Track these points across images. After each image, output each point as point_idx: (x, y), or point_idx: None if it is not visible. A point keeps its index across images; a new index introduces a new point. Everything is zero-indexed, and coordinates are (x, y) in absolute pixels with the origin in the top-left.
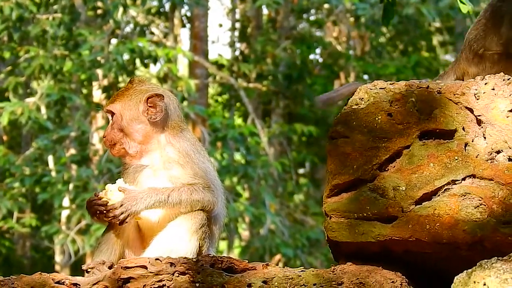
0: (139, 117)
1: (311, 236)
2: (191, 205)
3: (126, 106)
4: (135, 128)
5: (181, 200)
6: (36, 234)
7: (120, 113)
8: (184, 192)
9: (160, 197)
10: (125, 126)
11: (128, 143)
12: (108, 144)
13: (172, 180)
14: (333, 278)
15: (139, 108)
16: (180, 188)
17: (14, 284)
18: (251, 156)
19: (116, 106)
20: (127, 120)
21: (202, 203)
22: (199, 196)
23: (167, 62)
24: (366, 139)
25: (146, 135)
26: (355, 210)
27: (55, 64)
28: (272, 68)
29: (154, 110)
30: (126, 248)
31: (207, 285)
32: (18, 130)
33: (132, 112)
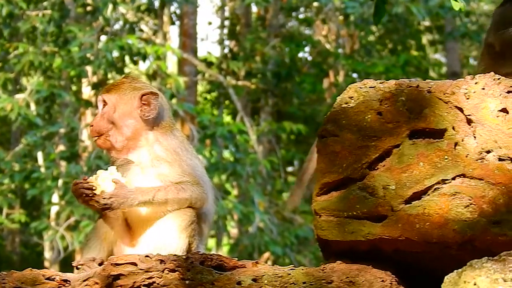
0: (132, 112)
1: (300, 234)
2: (179, 203)
3: (121, 99)
4: (126, 122)
5: (167, 200)
6: (25, 230)
7: (114, 105)
8: (170, 191)
9: (146, 197)
10: (116, 119)
11: (116, 136)
12: (95, 133)
13: (160, 177)
14: (323, 276)
15: (133, 104)
16: (167, 188)
17: (4, 280)
18: (240, 154)
19: (110, 97)
20: (120, 114)
21: (190, 201)
22: (186, 194)
23: (156, 60)
24: (356, 138)
25: (135, 131)
26: (345, 208)
27: (44, 60)
28: (261, 66)
29: (147, 108)
30: (115, 245)
31: (197, 282)
32: (8, 126)
33: (126, 107)
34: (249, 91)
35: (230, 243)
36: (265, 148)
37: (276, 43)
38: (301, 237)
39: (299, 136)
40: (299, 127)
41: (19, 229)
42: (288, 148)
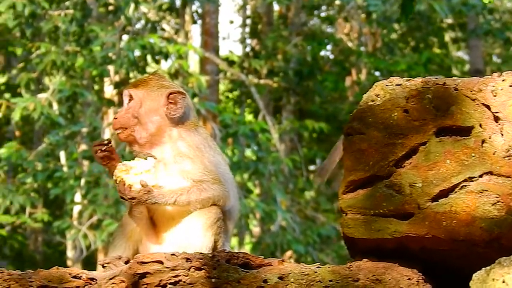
0: (158, 110)
1: (322, 233)
2: (201, 203)
3: (148, 95)
4: (151, 119)
5: (190, 202)
6: (48, 229)
7: (141, 101)
8: (193, 193)
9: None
10: (141, 115)
11: (140, 131)
12: (119, 126)
13: (183, 174)
14: (349, 274)
15: (160, 101)
16: (190, 190)
17: (31, 278)
18: (262, 153)
19: (138, 93)
20: (146, 110)
21: (213, 200)
22: (208, 194)
23: (178, 59)
24: (382, 136)
25: (160, 128)
26: (371, 206)
27: (66, 60)
28: (283, 65)
29: (174, 106)
30: (140, 243)
31: (223, 280)
32: (30, 125)
33: (153, 103)
34: (271, 90)
35: (252, 242)
36: (287, 146)
37: (298, 41)
38: (323, 235)
39: (321, 135)
40: (321, 125)
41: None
42: (310, 146)
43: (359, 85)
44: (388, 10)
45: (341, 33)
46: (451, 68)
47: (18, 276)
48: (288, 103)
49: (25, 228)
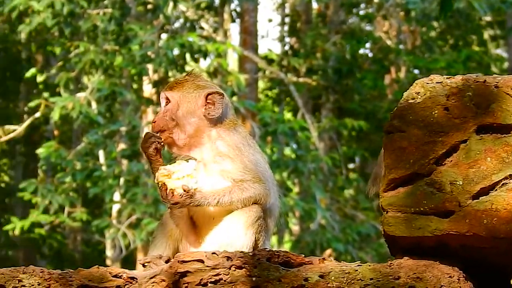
0: (196, 111)
1: (362, 231)
2: (243, 203)
3: (185, 97)
4: (189, 120)
5: (232, 202)
6: (87, 228)
7: (178, 103)
8: (235, 193)
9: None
10: (179, 117)
11: (178, 133)
12: (157, 129)
13: (223, 174)
14: (390, 272)
15: (198, 103)
16: (232, 190)
17: (71, 277)
18: (301, 151)
19: (174, 95)
20: (183, 112)
21: (255, 199)
22: (250, 193)
23: (217, 57)
24: (423, 134)
25: (198, 129)
26: (412, 204)
27: (105, 59)
28: (322, 63)
29: (212, 107)
30: (181, 242)
31: (264, 279)
32: (69, 125)
33: (190, 105)
34: (310, 88)
35: (291, 240)
36: (326, 144)
37: (337, 39)
38: (363, 234)
39: (360, 133)
40: (360, 124)
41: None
42: (349, 144)
43: (398, 83)
44: (427, 8)
45: (380, 31)
46: (490, 66)
47: (58, 275)
48: (327, 101)
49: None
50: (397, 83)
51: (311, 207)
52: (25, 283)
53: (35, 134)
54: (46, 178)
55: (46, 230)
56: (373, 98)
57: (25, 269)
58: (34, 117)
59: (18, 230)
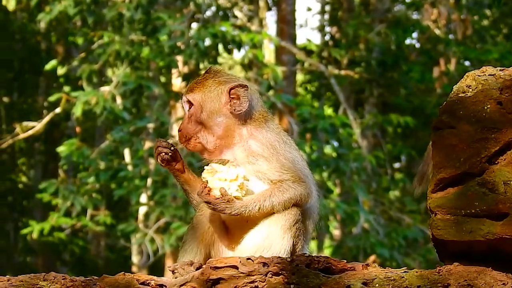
0: (221, 109)
1: (408, 236)
2: (284, 205)
3: (207, 97)
4: (216, 121)
5: (274, 206)
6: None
7: (200, 105)
8: (275, 196)
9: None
10: (205, 119)
11: (206, 137)
12: (184, 138)
13: (259, 175)
14: (439, 279)
15: (221, 100)
16: (271, 194)
17: (96, 285)
18: (343, 149)
19: (195, 97)
20: (208, 112)
21: (295, 200)
22: (290, 194)
23: (251, 48)
24: (474, 130)
25: (227, 128)
26: (462, 206)
27: (131, 50)
28: (365, 54)
29: (237, 101)
30: (213, 247)
31: (303, 286)
32: (92, 121)
33: (214, 104)
34: (352, 81)
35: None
36: (370, 142)
37: (381, 29)
38: (409, 238)
39: (406, 129)
40: (406, 120)
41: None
42: (395, 142)
43: (448, 75)
44: None
45: (428, 19)
46: None
47: (81, 282)
48: (371, 96)
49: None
50: (446, 76)
51: (354, 209)
52: None
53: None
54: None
55: (67, 235)
56: (421, 92)
57: (46, 276)
58: (54, 112)
59: (36, 234)
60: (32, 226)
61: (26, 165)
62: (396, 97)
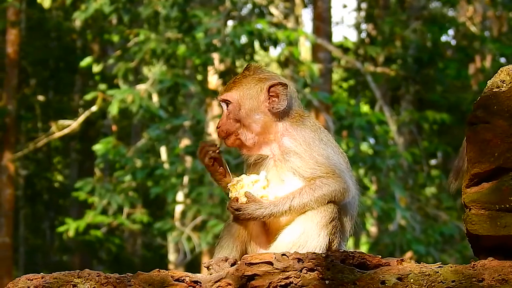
0: (260, 107)
1: (445, 232)
2: (317, 202)
3: (245, 95)
4: (254, 118)
5: (305, 204)
6: (147, 231)
7: (239, 103)
8: (305, 193)
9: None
10: (243, 117)
11: (245, 134)
12: (223, 134)
13: (294, 172)
14: (473, 274)
15: (260, 98)
16: (302, 191)
17: (130, 281)
18: (379, 146)
19: (233, 95)
20: (246, 110)
21: (329, 196)
22: (324, 190)
23: (288, 45)
24: (508, 125)
25: (265, 126)
26: (497, 201)
27: (167, 48)
28: (401, 51)
29: (276, 100)
30: (249, 244)
31: (338, 282)
32: (129, 119)
33: (252, 102)
34: (389, 78)
35: (369, 242)
36: (406, 139)
37: (417, 26)
38: (446, 234)
39: (442, 126)
40: (442, 116)
41: (141, 230)
42: (431, 139)
43: (484, 72)
44: None
45: (464, 16)
46: None
47: (116, 279)
48: (407, 93)
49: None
50: (482, 73)
51: (390, 206)
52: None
53: (91, 130)
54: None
55: (104, 233)
56: (457, 89)
57: (80, 273)
58: (90, 111)
59: (72, 232)
60: (68, 224)
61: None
62: (432, 94)
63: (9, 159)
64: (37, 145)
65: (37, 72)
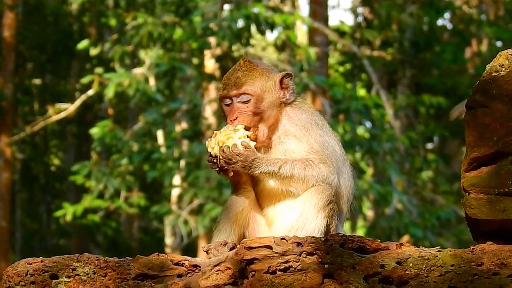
0: (276, 99)
1: (441, 216)
2: (303, 180)
3: (264, 88)
4: (272, 111)
5: (293, 174)
6: (144, 215)
7: (261, 96)
8: (297, 166)
9: (272, 168)
10: (264, 110)
11: (263, 128)
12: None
13: (287, 154)
14: (472, 258)
15: (275, 90)
16: (294, 162)
17: (129, 266)
18: (376, 130)
19: (255, 88)
20: (267, 103)
21: (316, 179)
22: (313, 172)
23: (284, 29)
24: (507, 109)
25: (276, 116)
26: (496, 185)
27: (164, 31)
28: (398, 35)
29: (286, 91)
30: (247, 227)
31: (337, 266)
32: (125, 103)
33: (271, 95)
34: (385, 62)
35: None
36: (403, 123)
37: (413, 9)
38: (443, 218)
39: (439, 110)
40: (439, 100)
41: (138, 213)
42: (428, 123)
43: (480, 56)
44: None
45: (460, 0)
46: None
47: (115, 263)
48: (403, 77)
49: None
50: (479, 57)
51: (387, 190)
52: (79, 271)
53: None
54: (100, 160)
55: (101, 217)
56: (453, 72)
57: (80, 256)
58: (87, 94)
59: (70, 216)
60: (65, 208)
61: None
62: (429, 78)
63: (5, 142)
64: (34, 128)
65: (34, 56)
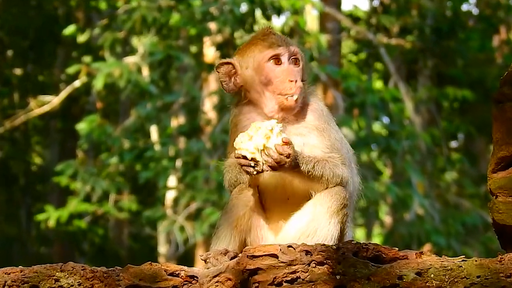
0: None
1: (467, 222)
2: (330, 181)
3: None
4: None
5: (323, 174)
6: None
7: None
8: (327, 166)
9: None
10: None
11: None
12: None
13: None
14: (501, 269)
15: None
16: (324, 161)
17: (119, 276)
18: (394, 126)
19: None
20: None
21: (340, 180)
22: (339, 172)
23: (293, 14)
24: None
25: None
26: None
27: (159, 16)
28: (418, 21)
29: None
30: (249, 234)
31: (350, 277)
32: (116, 95)
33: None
34: (404, 51)
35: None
36: (424, 119)
37: None
38: (468, 225)
39: (464, 104)
40: (464, 93)
41: (128, 218)
42: (451, 118)
43: (509, 44)
44: None
45: None
46: None
47: (103, 273)
48: (424, 67)
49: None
50: (507, 45)
51: (406, 193)
52: (62, 282)
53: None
54: (87, 159)
55: (87, 222)
56: (480, 62)
57: (63, 266)
58: (73, 86)
59: (53, 222)
60: (48, 212)
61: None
62: (453, 69)
63: None
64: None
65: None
